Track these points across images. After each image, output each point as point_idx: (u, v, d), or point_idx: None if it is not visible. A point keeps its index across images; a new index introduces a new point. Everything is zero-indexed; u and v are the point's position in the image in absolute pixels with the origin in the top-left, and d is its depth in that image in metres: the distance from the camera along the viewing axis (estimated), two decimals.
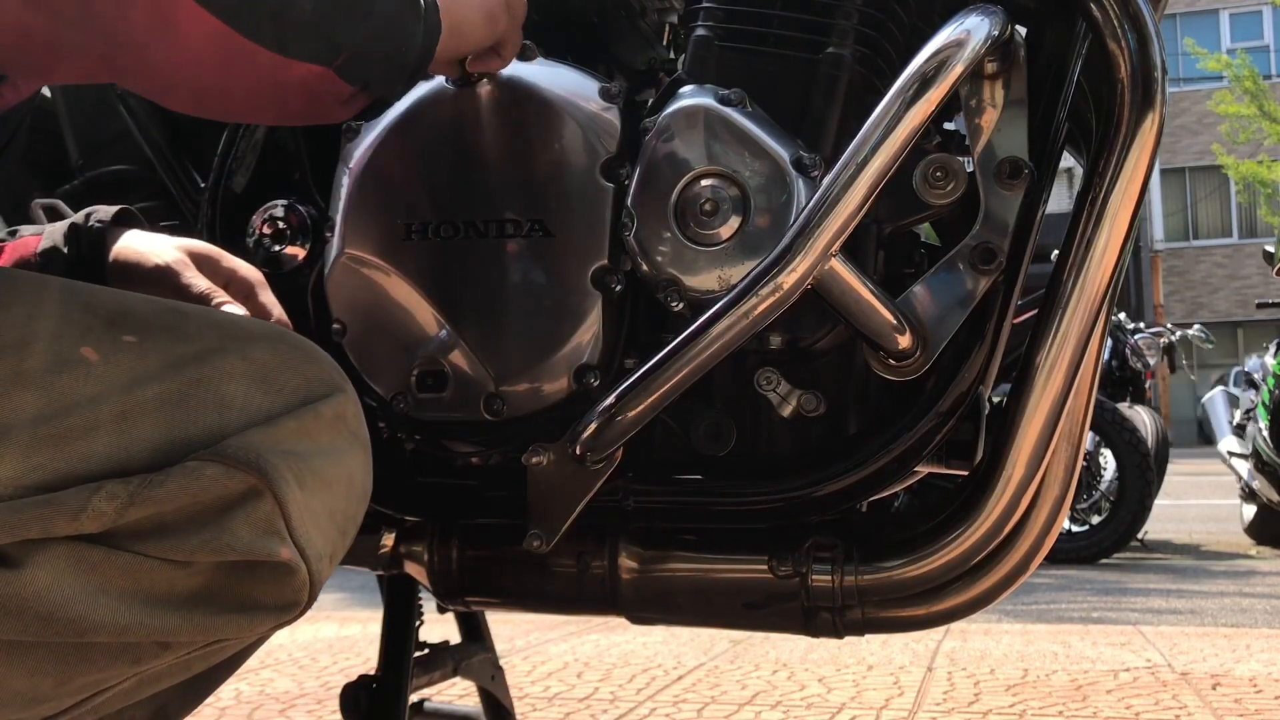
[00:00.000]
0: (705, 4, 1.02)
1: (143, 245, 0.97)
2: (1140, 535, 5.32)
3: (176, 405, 0.64)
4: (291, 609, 0.65)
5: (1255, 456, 5.50)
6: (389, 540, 1.11)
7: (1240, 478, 5.79)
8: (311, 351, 0.71)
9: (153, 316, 0.69)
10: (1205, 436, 7.74)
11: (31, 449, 0.59)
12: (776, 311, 0.89)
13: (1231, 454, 5.99)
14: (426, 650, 1.35)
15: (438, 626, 1.50)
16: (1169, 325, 7.17)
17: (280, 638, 2.87)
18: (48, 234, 0.97)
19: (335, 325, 1.04)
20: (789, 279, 0.88)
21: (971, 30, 0.88)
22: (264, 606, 0.64)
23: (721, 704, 2.06)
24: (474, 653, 1.45)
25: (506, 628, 2.89)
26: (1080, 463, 0.96)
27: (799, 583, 0.99)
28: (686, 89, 0.98)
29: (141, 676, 0.65)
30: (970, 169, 0.95)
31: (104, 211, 0.99)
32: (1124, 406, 5.47)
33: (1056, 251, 0.94)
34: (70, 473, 0.60)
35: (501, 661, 1.52)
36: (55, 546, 0.58)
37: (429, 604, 1.27)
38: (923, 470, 1.02)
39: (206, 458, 0.62)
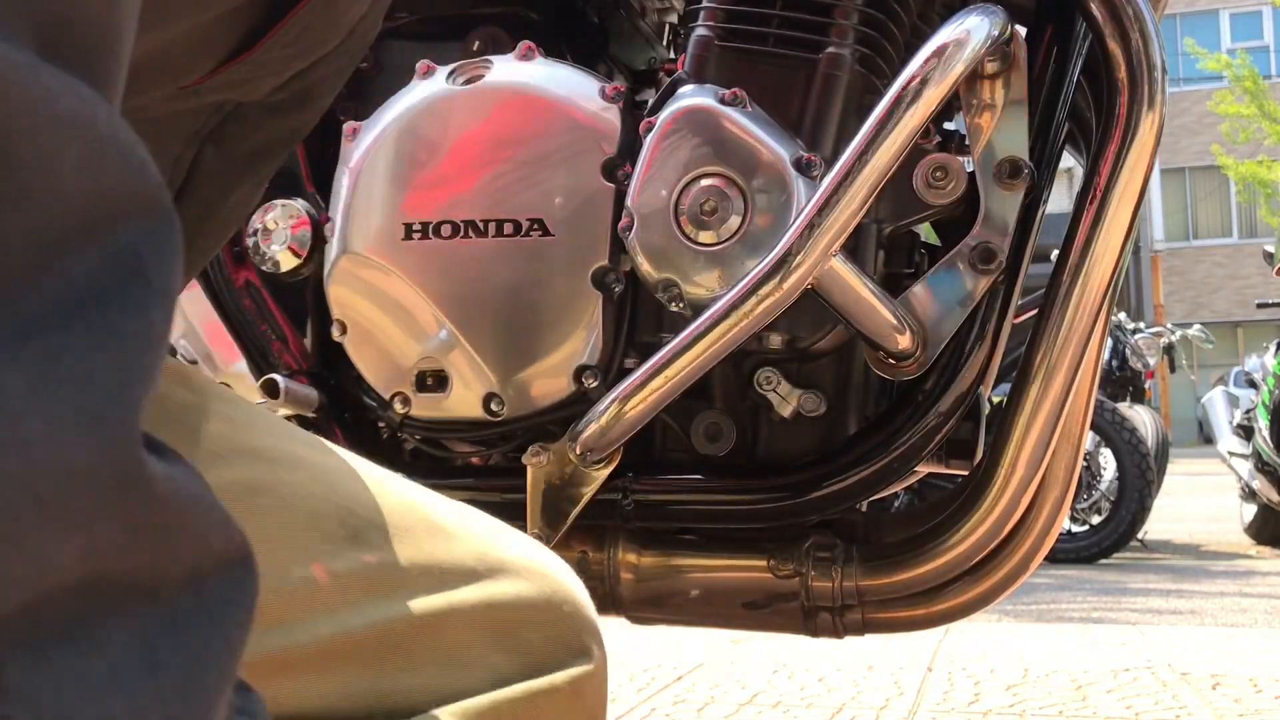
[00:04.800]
0: (705, 4, 1.02)
1: None
2: (1140, 535, 5.32)
3: (392, 648, 0.51)
4: None
5: (1255, 456, 5.51)
6: None
7: (1240, 478, 5.79)
8: (567, 597, 0.59)
9: (403, 525, 0.56)
10: (1205, 436, 7.74)
11: None
12: (776, 311, 0.89)
13: (1231, 454, 6.00)
14: None
15: None
16: (1169, 325, 7.17)
17: None
18: None
19: (335, 325, 1.04)
20: (789, 279, 0.88)
21: (971, 30, 0.88)
22: None
23: (721, 704, 2.06)
24: None
25: None
26: (1080, 463, 0.96)
27: (799, 583, 0.99)
28: (686, 89, 0.98)
29: None
30: (970, 169, 0.95)
31: None
32: (1124, 406, 5.47)
33: (1056, 251, 0.94)
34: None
35: None
36: None
37: None
38: (923, 470, 1.02)
39: None
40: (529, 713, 0.53)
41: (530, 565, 0.59)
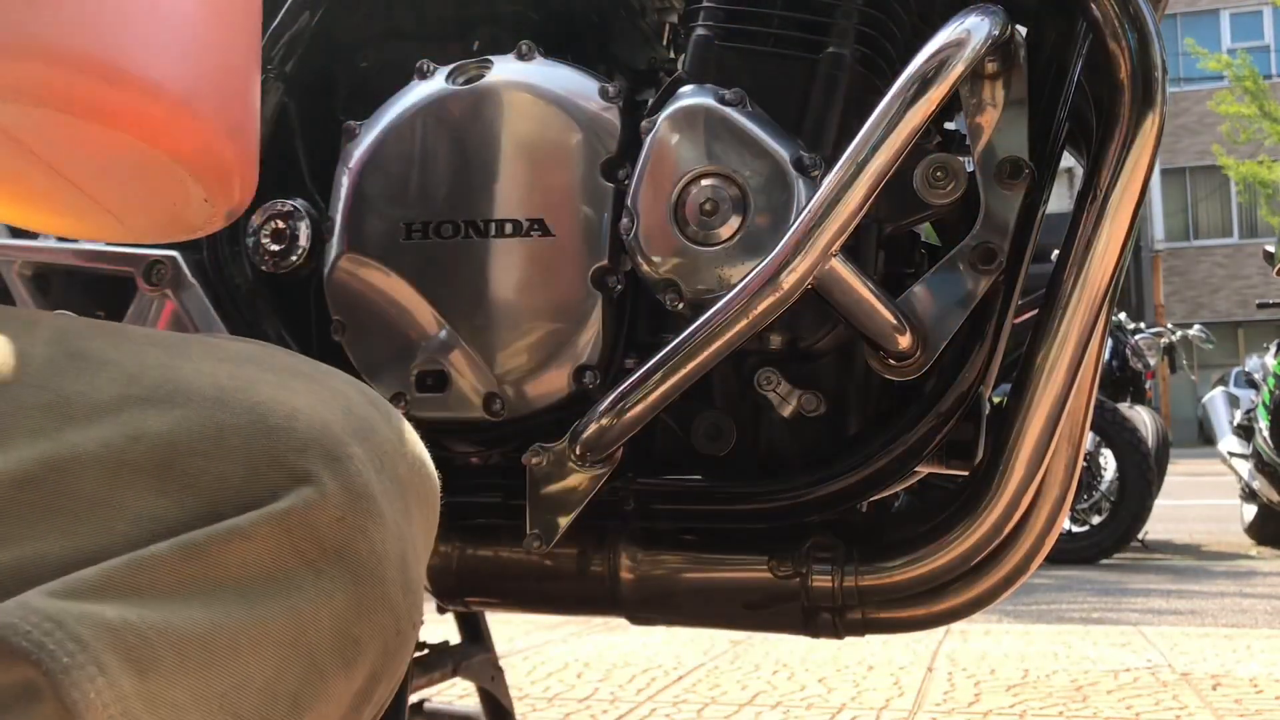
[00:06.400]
0: (705, 4, 1.02)
1: None
2: (1141, 535, 5.32)
3: (23, 504, 0.41)
4: None
5: (1256, 456, 5.51)
6: None
7: (1240, 478, 5.79)
8: (266, 416, 0.46)
9: (32, 362, 0.46)
10: (1205, 436, 7.74)
11: None
12: (776, 311, 0.89)
13: (1232, 454, 6.00)
14: (426, 650, 1.35)
15: (438, 626, 1.50)
16: (1169, 325, 7.17)
17: None
18: None
19: (335, 324, 1.04)
20: (789, 279, 0.88)
21: (972, 30, 0.88)
22: None
23: (721, 704, 2.06)
24: (474, 653, 1.45)
25: (507, 628, 2.89)
26: (1080, 463, 0.96)
27: (799, 583, 0.99)
28: (686, 89, 0.98)
29: None
30: (970, 169, 0.95)
31: None
32: (1124, 406, 5.47)
33: (1056, 251, 0.94)
34: None
35: (501, 662, 1.52)
36: None
37: (429, 604, 1.27)
38: (923, 470, 1.02)
39: None
40: (203, 568, 0.41)
41: (218, 385, 0.46)
